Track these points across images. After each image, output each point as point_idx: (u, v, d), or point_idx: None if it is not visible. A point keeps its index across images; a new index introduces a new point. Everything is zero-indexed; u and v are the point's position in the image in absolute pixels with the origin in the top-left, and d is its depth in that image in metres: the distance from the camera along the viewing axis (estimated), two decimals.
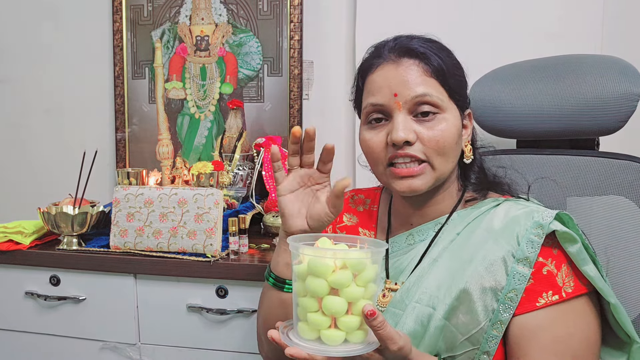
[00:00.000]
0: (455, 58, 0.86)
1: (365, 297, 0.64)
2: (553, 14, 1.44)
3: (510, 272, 0.76)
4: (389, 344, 0.63)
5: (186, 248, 1.31)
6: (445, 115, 0.81)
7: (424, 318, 0.79)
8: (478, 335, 0.76)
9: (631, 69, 1.01)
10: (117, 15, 1.75)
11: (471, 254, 0.80)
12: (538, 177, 1.03)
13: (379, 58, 0.84)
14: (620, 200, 0.97)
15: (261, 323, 0.91)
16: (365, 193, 1.02)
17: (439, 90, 0.81)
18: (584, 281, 0.77)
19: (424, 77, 0.81)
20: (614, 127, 1.01)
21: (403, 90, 0.80)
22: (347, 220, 0.99)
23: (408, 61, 0.81)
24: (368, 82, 0.85)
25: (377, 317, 0.62)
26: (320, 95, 1.68)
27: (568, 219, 0.79)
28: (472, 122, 0.90)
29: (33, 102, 1.89)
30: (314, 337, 0.65)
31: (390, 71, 0.82)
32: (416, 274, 0.83)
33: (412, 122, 0.81)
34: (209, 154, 1.71)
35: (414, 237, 0.88)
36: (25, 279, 1.41)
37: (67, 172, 1.59)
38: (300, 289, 0.66)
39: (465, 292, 0.77)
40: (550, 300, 0.75)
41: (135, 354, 1.36)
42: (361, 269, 0.64)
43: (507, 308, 0.76)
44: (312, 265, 0.63)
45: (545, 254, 0.77)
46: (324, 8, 1.65)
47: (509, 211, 0.83)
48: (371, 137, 0.84)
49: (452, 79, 0.83)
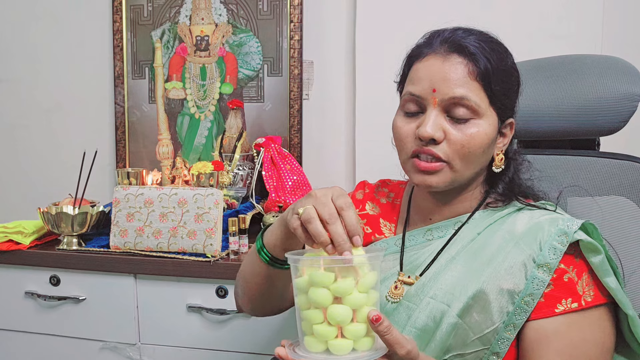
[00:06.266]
0: (510, 63, 0.83)
1: (368, 304, 0.64)
2: (553, 15, 1.44)
3: (529, 276, 0.76)
4: (396, 349, 0.63)
5: (186, 248, 1.31)
6: (479, 121, 0.79)
7: (437, 314, 0.78)
8: (490, 336, 0.76)
9: (632, 69, 1.01)
10: (117, 15, 1.75)
11: (491, 255, 0.79)
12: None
13: (429, 48, 0.82)
14: (620, 201, 0.97)
15: (240, 285, 0.92)
16: (390, 187, 1.01)
17: (479, 94, 0.79)
18: (604, 292, 0.77)
19: (468, 79, 0.78)
20: (614, 128, 1.01)
21: (443, 87, 0.78)
22: (369, 209, 0.98)
23: (456, 59, 0.79)
24: (413, 70, 0.84)
25: (382, 322, 0.61)
26: (320, 95, 1.68)
27: (593, 229, 0.78)
28: (512, 132, 0.87)
29: (33, 102, 1.89)
30: (321, 350, 0.64)
31: (435, 65, 0.80)
32: (433, 270, 0.83)
33: (444, 120, 0.79)
34: (209, 154, 1.71)
35: (432, 233, 0.88)
36: (25, 279, 1.41)
37: (67, 172, 1.59)
38: (303, 302, 0.66)
39: (481, 292, 0.77)
40: (569, 307, 0.75)
41: (135, 354, 1.36)
42: (361, 273, 0.64)
43: (522, 312, 0.75)
44: (313, 276, 0.64)
45: (567, 262, 0.77)
46: (324, 8, 1.64)
47: (532, 216, 0.82)
48: (402, 125, 0.83)
49: (498, 84, 0.80)
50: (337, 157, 1.67)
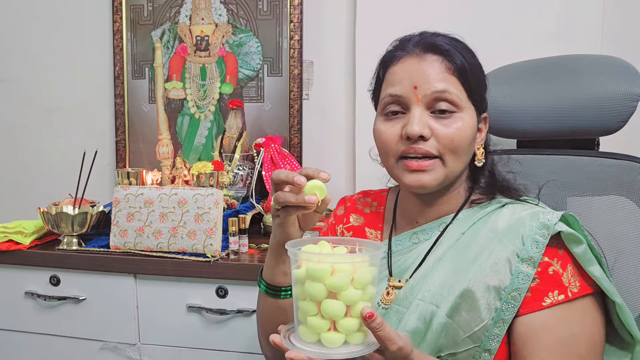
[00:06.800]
0: (478, 60, 0.86)
1: (364, 299, 0.64)
2: (553, 14, 1.44)
3: (514, 271, 0.77)
4: (388, 345, 0.63)
5: (186, 248, 1.31)
6: (462, 115, 0.81)
7: (427, 315, 0.79)
8: (480, 333, 0.77)
9: (631, 69, 1.01)
10: (117, 15, 1.75)
11: (476, 253, 0.80)
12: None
13: (403, 51, 0.84)
14: (620, 200, 0.97)
15: (260, 328, 0.93)
16: (373, 196, 1.03)
17: (459, 88, 0.81)
18: (589, 281, 0.77)
19: (446, 74, 0.81)
20: (614, 127, 1.01)
21: (423, 84, 0.80)
22: (353, 220, 1.00)
23: (432, 57, 0.82)
24: (389, 74, 0.85)
25: (375, 319, 0.62)
26: (320, 95, 1.68)
27: (573, 220, 0.79)
28: (487, 126, 0.89)
29: (33, 102, 1.89)
30: (314, 340, 0.65)
31: (413, 64, 0.82)
32: (420, 272, 0.84)
33: (429, 117, 0.81)
34: (209, 154, 1.71)
35: (418, 236, 0.89)
36: (25, 279, 1.41)
37: (67, 172, 1.59)
38: (299, 292, 0.67)
39: (468, 291, 0.77)
40: (556, 299, 0.76)
41: (135, 354, 1.36)
42: (358, 271, 0.64)
43: (510, 307, 0.76)
44: (309, 269, 0.64)
45: (551, 254, 0.78)
46: (324, 8, 1.65)
47: (514, 212, 0.83)
48: (386, 129, 0.84)
49: (474, 79, 0.83)
50: (337, 157, 1.67)
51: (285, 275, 0.84)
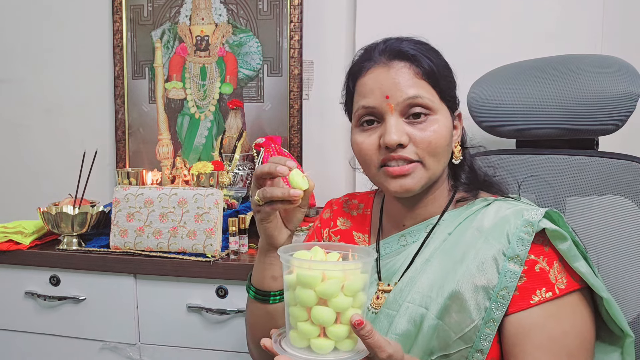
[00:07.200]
0: (444, 59, 0.86)
1: (354, 307, 0.64)
2: (553, 14, 1.44)
3: (501, 270, 0.77)
4: (378, 352, 0.63)
5: (186, 248, 1.31)
6: (436, 117, 0.82)
7: (417, 318, 0.79)
8: (471, 334, 0.77)
9: (630, 68, 1.01)
10: (117, 15, 1.75)
11: (463, 253, 0.80)
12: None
13: (370, 61, 0.84)
14: (619, 200, 0.97)
15: (249, 333, 0.93)
16: (359, 198, 1.03)
17: (430, 92, 0.81)
18: (576, 277, 0.78)
19: (415, 80, 0.81)
20: (613, 127, 1.01)
21: (395, 92, 0.80)
22: (340, 224, 1.00)
23: (399, 64, 0.82)
24: (359, 85, 0.85)
25: (364, 326, 0.62)
26: (320, 95, 1.68)
27: (558, 216, 0.79)
28: (461, 123, 0.90)
29: (33, 102, 1.89)
30: (304, 346, 0.65)
31: (381, 74, 0.82)
32: (409, 274, 0.84)
33: (404, 124, 0.81)
34: (209, 154, 1.71)
35: (406, 239, 0.89)
36: (25, 279, 1.41)
37: (67, 172, 1.59)
38: (290, 298, 0.67)
39: (457, 292, 0.77)
40: (544, 297, 0.76)
41: (135, 354, 1.36)
42: (349, 279, 0.64)
43: (499, 306, 0.76)
44: (300, 275, 0.64)
45: (536, 252, 0.78)
46: (324, 8, 1.65)
47: (499, 210, 0.83)
48: (363, 140, 0.85)
49: (443, 80, 0.83)
50: (337, 157, 1.67)
51: (274, 280, 0.84)
